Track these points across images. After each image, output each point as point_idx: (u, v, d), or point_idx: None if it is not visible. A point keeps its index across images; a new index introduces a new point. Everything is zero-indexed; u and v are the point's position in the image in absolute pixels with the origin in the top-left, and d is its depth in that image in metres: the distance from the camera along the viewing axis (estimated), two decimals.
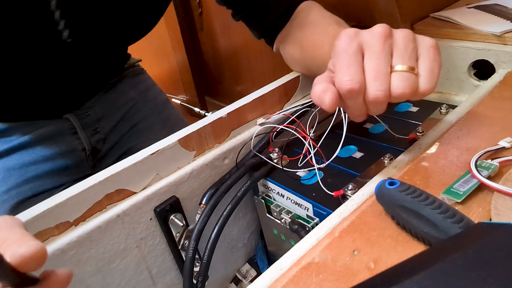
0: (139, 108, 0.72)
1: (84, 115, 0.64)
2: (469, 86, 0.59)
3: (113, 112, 0.68)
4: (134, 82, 0.73)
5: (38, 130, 0.60)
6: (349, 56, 0.33)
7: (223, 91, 1.47)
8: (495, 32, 0.54)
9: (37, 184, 0.59)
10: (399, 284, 0.21)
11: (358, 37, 0.34)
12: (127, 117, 0.70)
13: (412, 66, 0.33)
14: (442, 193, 0.33)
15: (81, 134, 0.64)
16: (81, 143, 0.64)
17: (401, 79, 0.32)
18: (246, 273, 0.61)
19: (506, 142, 0.37)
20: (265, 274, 0.32)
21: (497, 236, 0.22)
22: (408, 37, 0.34)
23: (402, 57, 0.33)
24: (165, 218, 0.47)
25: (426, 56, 0.34)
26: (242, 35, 1.22)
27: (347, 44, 0.34)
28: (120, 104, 0.70)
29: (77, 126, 0.63)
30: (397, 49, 0.34)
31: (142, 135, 0.71)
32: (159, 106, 0.75)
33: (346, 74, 0.33)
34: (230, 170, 0.52)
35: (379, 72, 0.33)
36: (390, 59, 0.33)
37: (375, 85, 0.32)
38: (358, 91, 0.33)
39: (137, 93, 0.73)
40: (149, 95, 0.75)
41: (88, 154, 0.65)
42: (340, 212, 0.36)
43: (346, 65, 0.33)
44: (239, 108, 0.53)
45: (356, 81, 0.32)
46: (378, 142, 0.52)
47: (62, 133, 0.62)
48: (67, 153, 0.62)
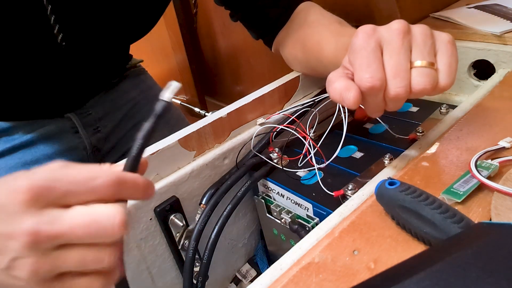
0: (141, 108, 0.72)
1: (86, 114, 0.65)
2: (469, 86, 0.59)
3: (114, 112, 0.69)
4: (135, 82, 0.74)
5: (39, 129, 0.60)
6: (368, 53, 0.33)
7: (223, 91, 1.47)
8: (495, 32, 0.54)
9: None
10: (399, 284, 0.21)
11: (376, 34, 0.34)
12: (129, 116, 0.71)
13: (432, 62, 0.33)
14: (442, 193, 0.33)
15: (82, 133, 0.64)
16: (82, 142, 0.64)
17: (421, 75, 0.32)
18: (246, 273, 0.61)
19: (506, 142, 0.37)
20: (265, 274, 0.32)
21: (497, 236, 0.22)
22: (426, 32, 0.34)
23: (422, 53, 0.33)
24: (165, 218, 0.47)
25: (444, 51, 0.34)
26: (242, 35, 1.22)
27: (366, 41, 0.33)
28: (122, 104, 0.70)
29: (78, 125, 0.63)
30: (416, 45, 0.33)
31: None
32: None
33: (367, 72, 0.32)
34: (230, 170, 0.52)
35: (400, 69, 0.32)
36: (409, 55, 0.33)
37: (396, 81, 0.32)
38: (379, 88, 0.33)
39: (138, 93, 0.73)
40: (151, 94, 0.75)
41: (89, 153, 0.65)
42: (340, 212, 0.36)
43: (366, 63, 0.33)
44: (239, 108, 0.53)
45: (378, 78, 0.32)
46: (378, 142, 0.52)
47: (63, 132, 0.62)
48: (68, 151, 0.63)
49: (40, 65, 0.53)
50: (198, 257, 0.48)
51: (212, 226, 0.47)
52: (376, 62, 0.33)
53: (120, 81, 0.71)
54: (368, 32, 0.34)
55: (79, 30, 0.53)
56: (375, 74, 0.32)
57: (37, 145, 0.60)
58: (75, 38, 0.53)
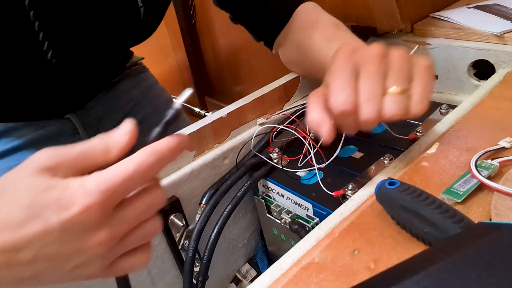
0: (142, 108, 0.72)
1: (86, 115, 0.64)
2: (469, 86, 0.59)
3: (115, 111, 0.68)
4: (136, 80, 0.73)
5: (39, 131, 0.60)
6: (344, 76, 0.34)
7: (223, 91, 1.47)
8: (495, 32, 0.54)
9: None
10: (399, 284, 0.21)
11: (354, 57, 0.35)
12: (130, 116, 0.70)
13: (406, 88, 0.34)
14: (442, 193, 0.33)
15: (82, 134, 0.64)
16: None
17: (393, 102, 0.34)
18: (246, 273, 0.61)
19: (506, 142, 0.37)
20: (265, 274, 0.32)
21: (497, 236, 0.22)
22: (404, 57, 0.35)
23: (396, 79, 0.34)
24: (165, 218, 0.47)
25: (420, 78, 0.35)
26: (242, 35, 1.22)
27: (343, 64, 0.34)
28: (123, 103, 0.69)
29: (78, 126, 0.63)
30: (392, 70, 0.34)
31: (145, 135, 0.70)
32: (162, 105, 0.75)
33: (341, 95, 0.34)
34: (230, 170, 0.52)
35: (372, 95, 0.34)
36: (383, 80, 0.34)
37: (368, 106, 0.34)
38: (350, 112, 0.34)
39: (139, 92, 0.72)
40: (152, 94, 0.74)
41: None
42: (340, 212, 0.36)
43: (341, 86, 0.34)
44: (239, 108, 0.53)
45: (350, 103, 0.34)
46: (378, 142, 0.52)
47: (63, 134, 0.62)
48: None
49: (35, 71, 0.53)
50: (198, 257, 0.48)
51: (212, 226, 0.47)
52: (351, 86, 0.34)
53: (120, 80, 0.71)
54: (346, 54, 0.35)
55: (70, 46, 0.52)
56: (347, 98, 0.34)
57: (37, 147, 0.60)
58: (67, 54, 0.52)
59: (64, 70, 0.54)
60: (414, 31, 0.63)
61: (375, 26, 0.63)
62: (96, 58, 0.58)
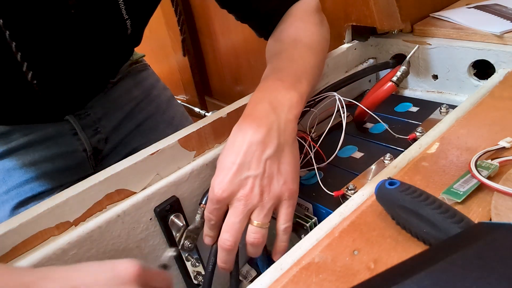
0: (143, 107, 0.71)
1: (84, 116, 0.64)
2: (469, 86, 0.59)
3: (115, 111, 0.67)
4: (137, 80, 0.72)
5: (37, 132, 0.60)
6: (210, 213, 0.42)
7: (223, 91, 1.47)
8: (495, 32, 0.54)
9: (36, 184, 0.59)
10: (399, 284, 0.21)
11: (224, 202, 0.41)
12: (131, 116, 0.69)
13: (265, 222, 0.41)
14: (442, 193, 0.33)
15: (81, 135, 0.63)
16: (82, 144, 0.63)
17: (253, 232, 0.41)
18: (246, 273, 0.61)
19: (506, 142, 0.37)
20: (265, 274, 0.32)
21: (497, 236, 0.22)
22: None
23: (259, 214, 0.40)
24: (165, 218, 0.47)
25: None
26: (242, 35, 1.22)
27: (214, 205, 0.41)
28: (124, 103, 0.69)
29: (76, 127, 0.63)
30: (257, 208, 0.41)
31: (147, 135, 0.70)
32: (164, 104, 0.74)
33: (207, 230, 0.44)
34: None
35: (232, 227, 0.40)
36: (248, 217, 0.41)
37: (225, 236, 0.40)
38: (212, 243, 0.44)
39: (140, 92, 0.71)
40: (153, 93, 0.73)
41: (89, 155, 0.65)
42: (340, 212, 0.36)
43: (208, 221, 0.43)
44: (239, 108, 0.53)
45: (213, 238, 0.44)
46: (378, 142, 0.52)
47: (62, 135, 0.62)
48: (67, 154, 0.62)
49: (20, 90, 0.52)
50: (199, 258, 0.49)
51: None
52: (217, 227, 0.43)
53: (120, 79, 0.70)
54: (216, 199, 0.41)
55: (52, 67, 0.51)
56: (211, 233, 0.44)
57: (35, 147, 0.60)
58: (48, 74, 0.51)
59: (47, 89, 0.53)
60: (414, 31, 0.63)
61: (375, 26, 0.63)
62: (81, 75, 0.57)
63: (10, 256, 0.38)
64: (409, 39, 0.63)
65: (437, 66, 0.61)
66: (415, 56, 0.63)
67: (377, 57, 0.70)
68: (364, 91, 0.69)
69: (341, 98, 0.48)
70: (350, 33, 0.68)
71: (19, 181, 0.58)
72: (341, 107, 0.47)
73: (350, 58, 0.67)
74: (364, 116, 0.57)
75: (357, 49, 0.68)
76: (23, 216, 0.39)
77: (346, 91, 0.64)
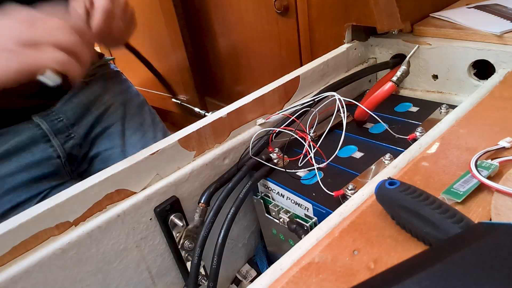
0: (113, 111, 0.71)
1: (56, 121, 0.63)
2: (469, 86, 0.59)
3: (86, 116, 0.67)
4: (108, 85, 0.72)
5: (11, 141, 0.59)
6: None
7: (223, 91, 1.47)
8: (495, 32, 0.54)
9: (14, 195, 0.59)
10: (399, 284, 0.21)
11: None
12: (100, 120, 0.69)
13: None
14: (442, 193, 0.33)
15: (54, 142, 0.63)
16: (55, 151, 0.63)
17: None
18: (246, 273, 0.61)
19: (506, 142, 0.37)
20: (265, 274, 0.32)
21: (497, 236, 0.22)
22: None
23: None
24: (165, 218, 0.47)
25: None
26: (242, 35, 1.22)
27: None
28: (94, 108, 0.69)
29: (49, 133, 0.62)
30: None
31: (114, 139, 0.70)
32: (133, 109, 0.74)
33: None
34: (229, 170, 0.51)
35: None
36: None
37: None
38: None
39: (111, 96, 0.71)
40: (124, 98, 0.73)
41: (64, 161, 0.64)
42: (340, 212, 0.36)
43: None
44: (239, 108, 0.53)
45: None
46: (378, 142, 0.52)
47: (35, 142, 0.61)
48: (42, 162, 0.62)
49: None
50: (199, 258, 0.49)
51: (214, 229, 0.47)
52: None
53: (90, 82, 0.69)
54: None
55: None
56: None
57: (11, 158, 0.59)
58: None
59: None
60: (414, 31, 0.63)
61: (375, 26, 0.63)
62: None
63: (10, 256, 0.38)
64: (409, 39, 0.63)
65: (437, 66, 0.61)
66: (415, 56, 0.63)
67: (377, 57, 0.70)
68: (364, 91, 0.70)
69: (341, 98, 0.48)
70: (350, 33, 0.68)
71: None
72: (341, 107, 0.47)
73: (350, 58, 0.67)
74: (364, 116, 0.57)
75: (357, 49, 0.68)
76: (23, 216, 0.39)
77: (346, 91, 0.64)
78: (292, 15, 0.92)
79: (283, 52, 1.00)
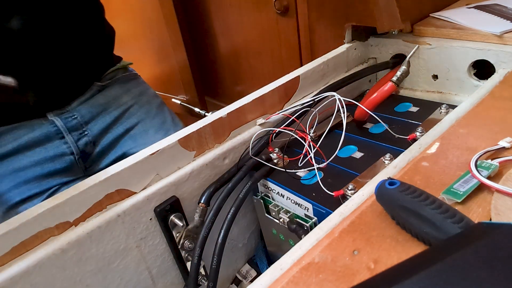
0: (133, 113, 0.72)
1: (71, 118, 0.65)
2: (469, 86, 0.59)
3: (103, 115, 0.69)
4: (127, 87, 0.74)
5: (25, 136, 0.61)
6: None
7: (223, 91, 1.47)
8: (495, 32, 0.54)
9: (25, 188, 0.60)
10: (399, 284, 0.20)
11: None
12: (121, 121, 0.71)
13: None
14: (442, 193, 0.33)
15: (67, 138, 0.64)
16: (69, 147, 0.64)
17: None
18: (246, 273, 0.61)
19: (506, 142, 0.37)
20: (265, 274, 0.32)
21: (497, 236, 0.22)
22: None
23: None
24: (165, 218, 0.47)
25: None
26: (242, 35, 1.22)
27: None
28: (112, 108, 0.70)
29: (63, 130, 0.64)
30: None
31: (137, 139, 0.71)
32: (154, 110, 0.75)
33: None
34: (229, 170, 0.51)
35: None
36: None
37: None
38: None
39: (130, 98, 0.73)
40: (143, 99, 0.75)
41: (77, 158, 0.65)
42: (340, 212, 0.36)
43: None
44: (239, 108, 0.53)
45: None
46: (378, 142, 0.52)
47: (49, 138, 0.63)
48: (55, 157, 0.63)
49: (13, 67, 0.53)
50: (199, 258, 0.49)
51: (214, 229, 0.47)
52: None
53: (109, 85, 0.71)
54: None
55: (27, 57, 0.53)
56: None
57: (24, 153, 0.61)
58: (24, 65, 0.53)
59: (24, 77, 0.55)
60: (414, 31, 0.63)
61: (375, 26, 0.63)
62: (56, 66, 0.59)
63: (10, 256, 0.38)
64: (409, 39, 0.63)
65: (437, 66, 0.61)
66: (415, 56, 0.63)
67: (377, 57, 0.70)
68: (364, 91, 0.69)
69: (341, 98, 0.48)
70: (350, 33, 0.68)
71: (8, 187, 0.59)
72: (341, 107, 0.47)
73: (350, 58, 0.67)
74: (364, 116, 0.57)
75: (357, 49, 0.68)
76: (23, 216, 0.39)
77: (346, 91, 0.64)
78: (292, 15, 0.92)
79: (283, 52, 1.00)
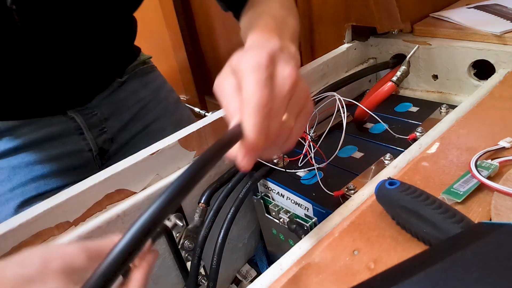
0: (151, 109, 0.71)
1: (91, 115, 0.64)
2: (469, 86, 0.59)
3: (122, 112, 0.68)
4: (145, 81, 0.72)
5: (43, 130, 0.60)
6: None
7: None
8: (495, 32, 0.54)
9: (42, 183, 0.59)
10: (399, 284, 0.21)
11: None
12: (139, 117, 0.69)
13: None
14: (442, 193, 0.33)
15: (87, 135, 0.63)
16: (88, 144, 0.64)
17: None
18: (246, 273, 0.61)
19: (506, 142, 0.37)
20: (265, 274, 0.32)
21: (497, 236, 0.22)
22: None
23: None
24: None
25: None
26: None
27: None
28: (131, 104, 0.69)
29: (83, 126, 0.63)
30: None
31: (155, 136, 0.70)
32: (171, 106, 0.74)
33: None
34: (229, 170, 0.51)
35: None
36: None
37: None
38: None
39: (148, 93, 0.71)
40: (161, 95, 0.74)
41: (95, 155, 0.65)
42: (340, 212, 0.36)
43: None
44: None
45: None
46: (378, 142, 0.52)
47: (68, 134, 0.62)
48: (73, 153, 0.62)
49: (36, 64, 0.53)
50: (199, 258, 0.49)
51: (214, 229, 0.47)
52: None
53: (129, 79, 0.70)
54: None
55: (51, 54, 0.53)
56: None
57: (41, 146, 0.60)
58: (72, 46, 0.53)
59: (67, 61, 0.54)
60: (414, 31, 0.63)
61: (375, 26, 0.63)
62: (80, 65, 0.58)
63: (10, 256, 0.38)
64: (409, 39, 0.63)
65: (437, 66, 0.61)
66: (415, 56, 0.63)
67: (377, 57, 0.70)
68: (364, 91, 0.69)
69: (341, 98, 0.48)
70: (350, 33, 0.68)
71: (25, 180, 0.58)
72: (341, 107, 0.47)
73: (350, 58, 0.67)
74: (364, 116, 0.57)
75: (357, 49, 0.68)
76: (23, 216, 0.39)
77: (346, 91, 0.64)
78: None
79: None
